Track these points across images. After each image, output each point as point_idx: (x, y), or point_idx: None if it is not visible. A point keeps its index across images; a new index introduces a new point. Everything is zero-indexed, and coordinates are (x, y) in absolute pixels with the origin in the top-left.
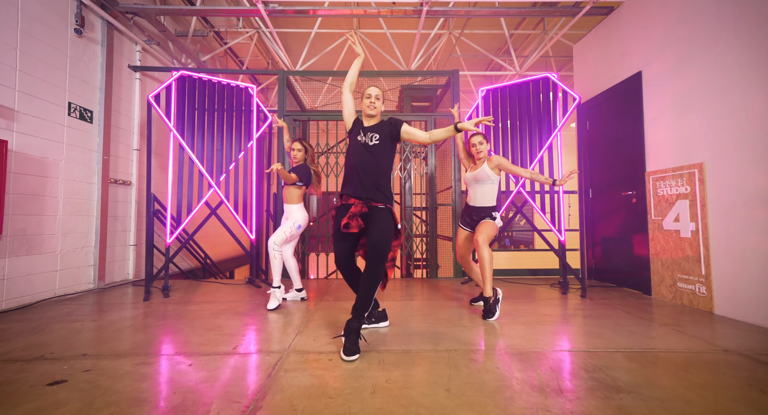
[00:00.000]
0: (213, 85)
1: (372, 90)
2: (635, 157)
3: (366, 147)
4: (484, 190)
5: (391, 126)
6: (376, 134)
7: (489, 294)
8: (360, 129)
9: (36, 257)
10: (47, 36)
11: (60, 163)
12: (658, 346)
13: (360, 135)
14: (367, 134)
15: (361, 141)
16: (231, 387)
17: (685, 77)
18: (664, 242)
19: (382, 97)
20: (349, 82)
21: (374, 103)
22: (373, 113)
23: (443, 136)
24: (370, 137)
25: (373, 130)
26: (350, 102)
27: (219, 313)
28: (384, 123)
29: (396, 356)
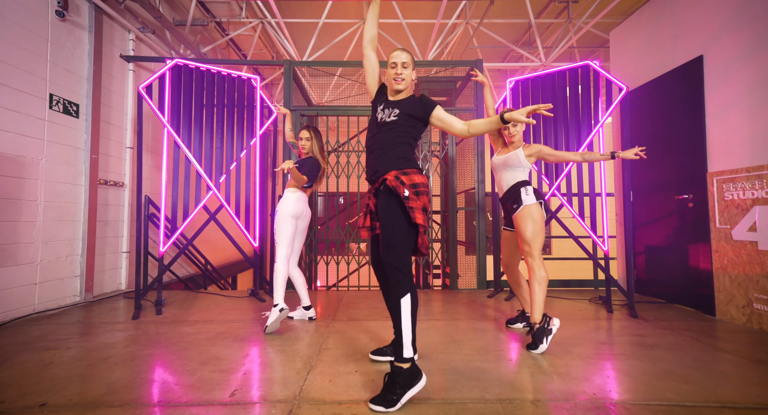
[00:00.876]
0: (212, 75)
1: (398, 55)
2: (693, 155)
3: (382, 124)
4: (514, 175)
5: (421, 104)
6: (396, 109)
7: (537, 320)
8: (383, 101)
9: (10, 270)
10: (23, 17)
11: (40, 163)
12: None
13: (379, 110)
14: (386, 109)
15: (379, 118)
16: None
17: (764, 62)
18: (734, 255)
19: (412, 64)
20: (370, 36)
21: (401, 74)
22: (400, 88)
23: (485, 128)
24: (389, 113)
25: (396, 105)
26: (374, 63)
27: (216, 337)
28: (413, 99)
29: (436, 409)
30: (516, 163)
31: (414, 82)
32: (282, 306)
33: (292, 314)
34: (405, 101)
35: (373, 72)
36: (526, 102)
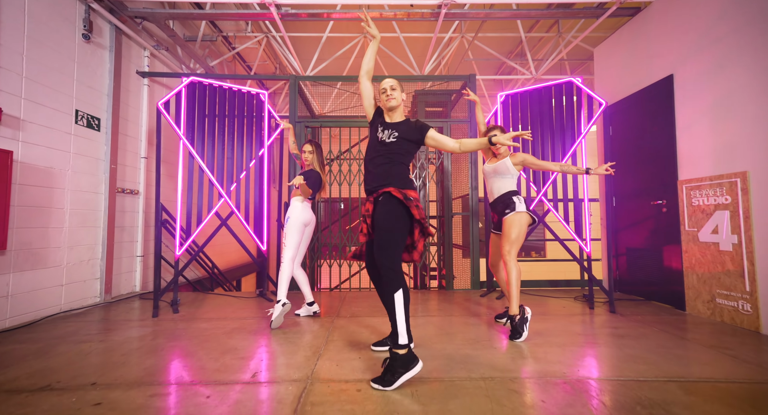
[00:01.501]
0: (224, 91)
1: (386, 82)
2: (666, 164)
3: (382, 144)
4: (504, 182)
5: (416, 130)
6: (396, 132)
7: (515, 312)
8: (380, 123)
9: (41, 272)
10: (54, 41)
11: (66, 173)
12: (713, 374)
13: (379, 130)
14: (386, 131)
15: (379, 137)
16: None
17: (725, 80)
18: (701, 255)
19: (399, 87)
20: (366, 69)
21: (391, 95)
22: (392, 105)
23: (475, 148)
24: (389, 134)
25: (394, 127)
26: (369, 90)
27: (232, 332)
28: (408, 123)
29: (429, 385)
30: (504, 170)
31: (404, 101)
32: (284, 301)
33: (299, 312)
34: (402, 125)
35: (369, 98)
36: (516, 114)
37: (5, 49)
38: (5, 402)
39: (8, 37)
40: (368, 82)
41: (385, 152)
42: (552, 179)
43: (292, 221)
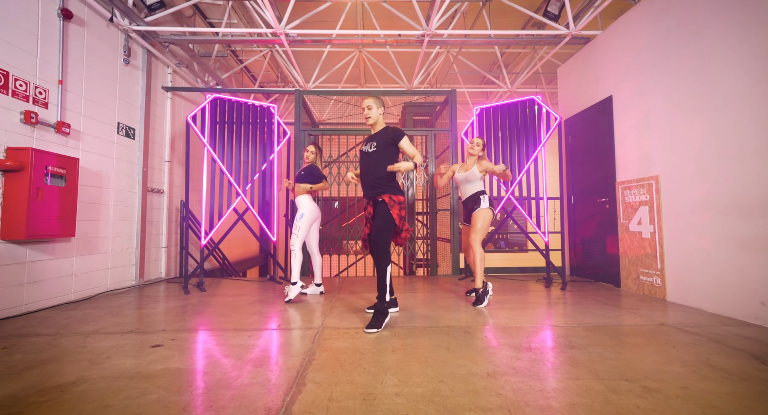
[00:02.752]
0: (240, 105)
1: (365, 102)
2: (608, 168)
3: (366, 154)
4: (473, 185)
5: (391, 135)
6: (375, 142)
7: (479, 286)
8: (366, 141)
9: (94, 257)
10: (103, 66)
11: (111, 176)
12: (610, 322)
13: (363, 145)
14: (368, 143)
15: (364, 150)
16: (287, 348)
17: (645, 103)
18: (630, 242)
19: (373, 106)
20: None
21: (368, 114)
22: (370, 122)
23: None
24: (370, 146)
25: (373, 138)
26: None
27: (255, 302)
28: (386, 131)
29: (407, 330)
30: (473, 178)
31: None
32: (299, 282)
33: (306, 291)
34: (379, 134)
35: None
36: (489, 125)
37: (71, 75)
38: (109, 338)
39: (73, 66)
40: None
41: (371, 162)
42: (518, 180)
43: (306, 217)
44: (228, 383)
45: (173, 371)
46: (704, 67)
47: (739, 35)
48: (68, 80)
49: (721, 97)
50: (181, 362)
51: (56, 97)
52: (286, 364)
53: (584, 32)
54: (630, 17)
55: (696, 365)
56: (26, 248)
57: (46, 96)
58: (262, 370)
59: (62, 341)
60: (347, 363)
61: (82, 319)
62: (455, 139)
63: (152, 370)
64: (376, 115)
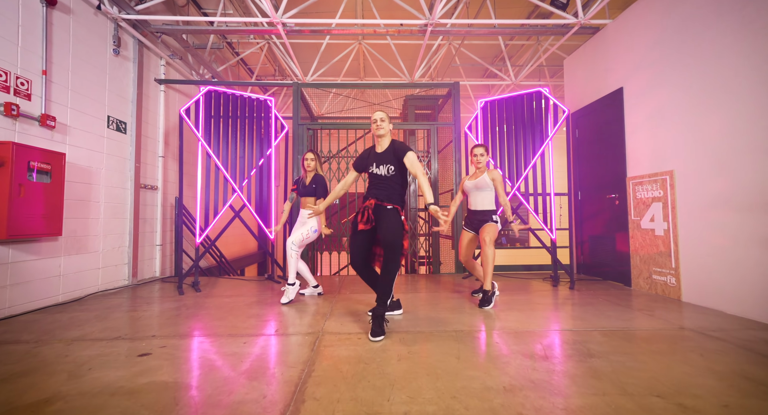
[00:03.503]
0: (236, 98)
1: (377, 114)
2: (618, 163)
3: (383, 178)
4: (483, 196)
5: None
6: (391, 166)
7: (488, 287)
8: (374, 161)
9: (84, 256)
10: (91, 57)
11: (101, 171)
12: (628, 326)
13: (374, 167)
14: (380, 167)
15: (378, 173)
16: (285, 357)
17: (660, 94)
18: (642, 240)
19: (387, 119)
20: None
21: (380, 125)
22: (381, 134)
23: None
24: (386, 169)
25: (385, 161)
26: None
27: (252, 304)
28: (394, 147)
29: (413, 335)
30: (484, 185)
31: (391, 130)
32: (296, 282)
33: (303, 291)
34: (387, 152)
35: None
36: (494, 118)
37: (56, 66)
38: (93, 345)
39: (59, 56)
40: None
41: (387, 184)
42: (524, 176)
43: (312, 230)
44: (218, 401)
45: (160, 385)
46: (723, 57)
47: (761, 23)
48: (53, 71)
49: (741, 87)
50: (170, 374)
51: (40, 88)
52: (284, 376)
53: (593, 21)
54: (642, 5)
55: (731, 378)
56: (8, 248)
57: (28, 87)
58: (257, 383)
59: (43, 350)
60: (350, 375)
61: (68, 323)
62: (458, 133)
63: (137, 384)
64: (387, 129)
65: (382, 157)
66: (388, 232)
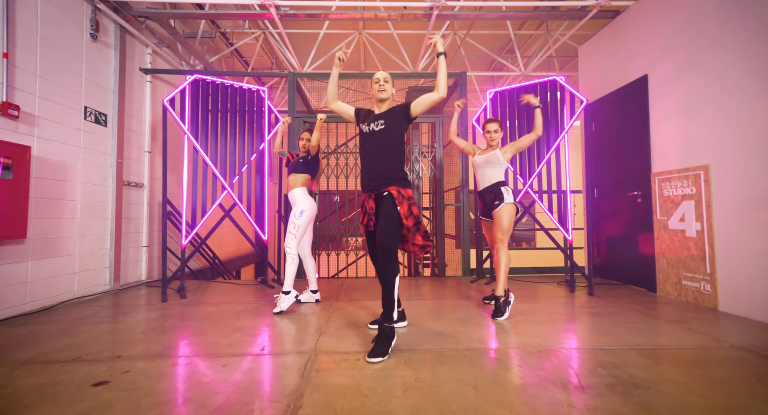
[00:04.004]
0: (225, 88)
1: (380, 74)
2: (641, 158)
3: (370, 134)
4: (494, 172)
5: (400, 108)
6: (381, 120)
7: (500, 294)
8: (366, 118)
9: (56, 260)
10: (64, 41)
11: (77, 167)
12: (668, 343)
13: (364, 124)
14: (372, 122)
15: (365, 130)
16: (269, 387)
17: (691, 81)
18: (670, 241)
19: (391, 81)
20: (333, 95)
21: (383, 87)
22: (384, 97)
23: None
24: (376, 124)
25: (381, 116)
26: (342, 106)
27: (239, 314)
28: (393, 108)
29: (420, 355)
30: (495, 160)
31: (393, 96)
32: (295, 293)
33: (301, 297)
34: (388, 112)
35: (347, 110)
36: (504, 110)
37: (21, 49)
38: (44, 371)
39: (23, 38)
40: (337, 102)
41: (376, 144)
42: (537, 171)
43: (307, 214)
44: None
45: None
46: None
47: None
48: (17, 54)
49: None
50: (123, 413)
51: (0, 73)
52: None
53: (614, 3)
54: None
55: None
56: None
57: None
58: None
59: None
60: (345, 413)
61: (28, 339)
62: (465, 126)
63: None
64: (390, 92)
65: (378, 115)
66: (382, 233)
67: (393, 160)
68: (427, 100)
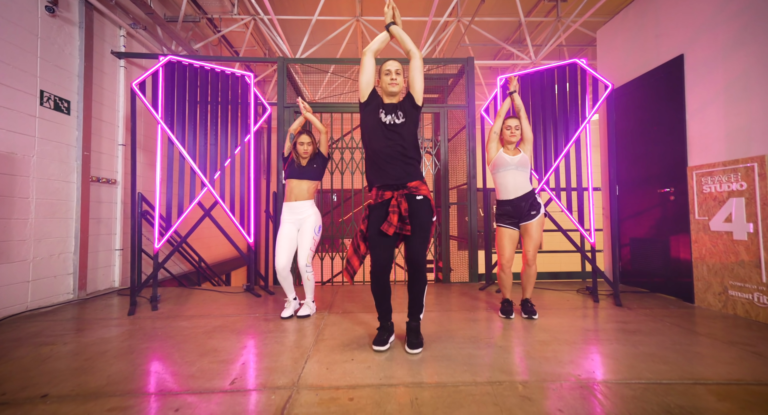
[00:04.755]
0: (206, 72)
1: (392, 64)
2: (674, 150)
3: (391, 127)
4: (524, 177)
5: (407, 98)
6: (401, 112)
7: (529, 296)
8: (381, 107)
9: (3, 267)
10: (11, 13)
11: (31, 160)
12: (742, 376)
13: (382, 113)
14: (390, 113)
15: (386, 122)
16: None
17: (740, 59)
18: (712, 245)
19: (403, 72)
20: (374, 48)
21: (396, 80)
22: (395, 91)
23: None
24: (397, 115)
25: (398, 108)
26: (372, 66)
27: (214, 331)
28: (407, 99)
29: (430, 392)
30: (527, 164)
31: (405, 87)
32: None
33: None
34: (401, 104)
35: (370, 73)
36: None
37: None
38: None
39: None
40: (372, 59)
41: (399, 139)
42: (555, 166)
43: (319, 227)
44: None
45: None
46: None
47: None
48: None
49: None
50: None
51: None
52: None
53: None
54: None
55: None
56: None
57: None
58: None
59: None
60: None
61: None
62: (473, 117)
63: None
64: (402, 84)
65: (396, 106)
66: (420, 246)
67: (416, 156)
68: (417, 73)
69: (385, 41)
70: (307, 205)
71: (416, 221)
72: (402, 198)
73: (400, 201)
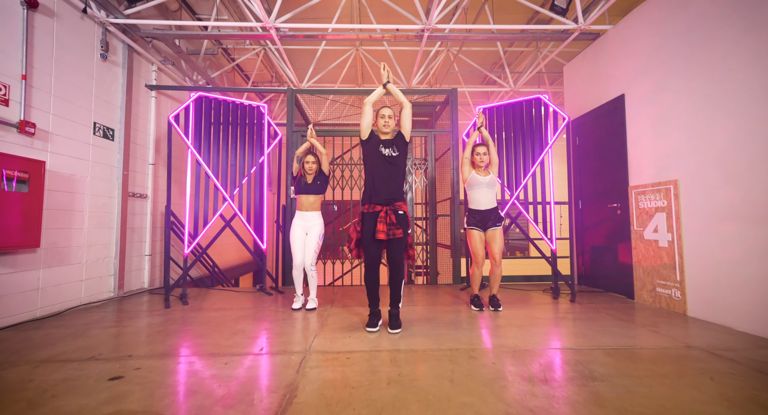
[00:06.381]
0: (227, 104)
1: (386, 111)
2: (619, 172)
3: (390, 159)
4: (492, 194)
5: (399, 137)
6: (395, 146)
7: (496, 292)
8: (380, 143)
9: (65, 268)
10: (77, 62)
11: (86, 180)
12: (633, 344)
13: (382, 148)
14: (388, 147)
15: (386, 154)
16: (267, 381)
17: (663, 101)
18: (645, 251)
19: (394, 117)
20: (373, 100)
21: (388, 123)
22: (387, 131)
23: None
24: (392, 149)
25: (392, 143)
26: (370, 114)
27: (239, 319)
28: (399, 136)
29: (405, 354)
30: (494, 183)
31: (396, 125)
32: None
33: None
34: (395, 140)
35: (370, 119)
36: (492, 126)
37: (37, 71)
38: (62, 368)
39: (40, 61)
40: (371, 108)
41: (394, 168)
42: (523, 184)
43: (322, 235)
44: None
45: None
46: (730, 62)
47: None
48: (34, 76)
49: (749, 94)
50: (139, 402)
51: (19, 93)
52: (263, 404)
53: (594, 27)
54: (645, 10)
55: (744, 406)
56: None
57: (6, 92)
58: (234, 413)
59: (6, 373)
60: (334, 402)
61: (41, 341)
62: (456, 141)
63: (101, 414)
64: (393, 125)
65: (391, 141)
66: (400, 249)
67: (403, 181)
68: (407, 117)
69: (381, 95)
70: (315, 215)
71: (400, 230)
72: (391, 212)
73: (389, 213)
